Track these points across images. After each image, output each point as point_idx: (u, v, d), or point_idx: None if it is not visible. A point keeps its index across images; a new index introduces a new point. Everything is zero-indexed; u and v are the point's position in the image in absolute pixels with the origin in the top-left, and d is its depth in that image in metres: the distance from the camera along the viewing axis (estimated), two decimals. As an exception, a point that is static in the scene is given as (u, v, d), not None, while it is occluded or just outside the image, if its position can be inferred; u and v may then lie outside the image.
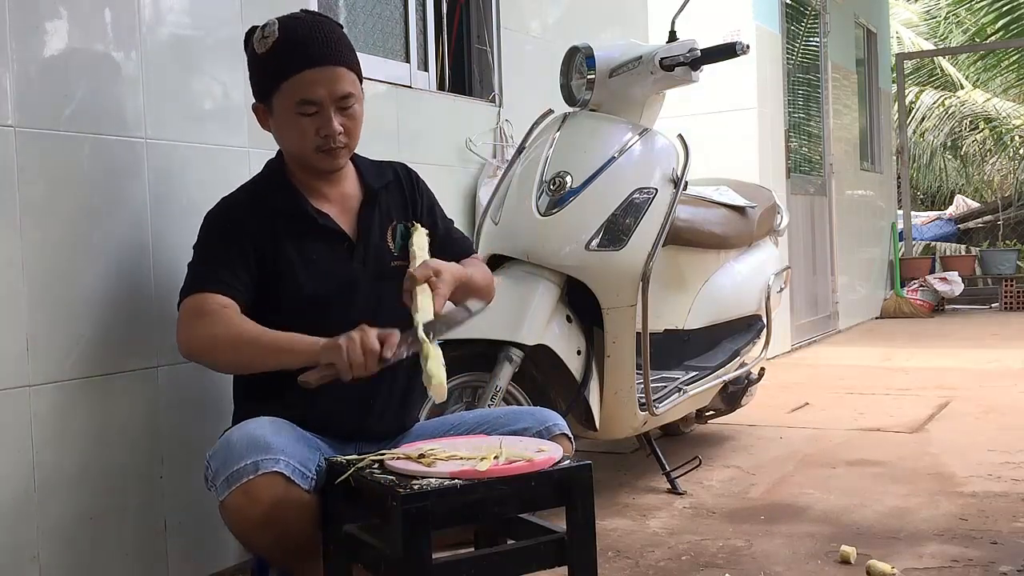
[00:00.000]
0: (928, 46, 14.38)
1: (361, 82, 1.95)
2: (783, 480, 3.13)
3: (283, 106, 1.86)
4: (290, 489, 1.66)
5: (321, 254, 1.91)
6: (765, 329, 3.57)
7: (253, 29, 1.94)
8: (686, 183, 2.80)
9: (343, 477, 1.64)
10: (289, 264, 1.88)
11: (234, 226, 1.87)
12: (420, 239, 1.94)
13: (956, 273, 8.80)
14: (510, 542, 1.76)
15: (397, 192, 2.05)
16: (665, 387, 3.00)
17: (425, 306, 1.75)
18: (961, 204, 13.11)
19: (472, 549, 1.83)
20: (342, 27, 1.98)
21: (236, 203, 1.93)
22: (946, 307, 8.98)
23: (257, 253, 1.87)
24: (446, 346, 2.51)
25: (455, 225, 2.19)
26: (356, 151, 2.02)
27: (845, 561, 2.30)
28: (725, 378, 3.28)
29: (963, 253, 10.85)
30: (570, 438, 1.95)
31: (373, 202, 1.99)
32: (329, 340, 1.69)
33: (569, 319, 2.69)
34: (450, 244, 2.10)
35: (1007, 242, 11.73)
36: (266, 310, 1.85)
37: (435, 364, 1.66)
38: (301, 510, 1.69)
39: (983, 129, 13.52)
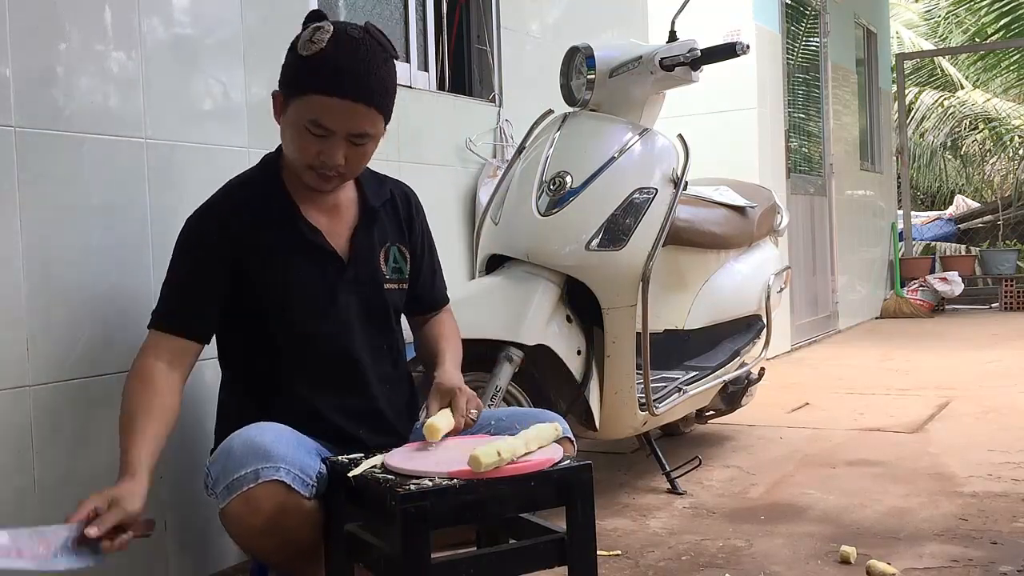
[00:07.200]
0: (928, 46, 14.37)
1: (387, 121, 1.84)
2: (783, 480, 3.13)
3: (297, 114, 1.79)
4: (291, 497, 1.65)
5: (310, 273, 1.86)
6: (765, 329, 3.57)
7: (315, 13, 1.84)
8: (686, 183, 2.80)
9: (352, 473, 1.64)
10: (274, 280, 1.84)
11: (208, 247, 1.81)
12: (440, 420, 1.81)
13: (956, 273, 8.80)
14: (512, 541, 1.76)
15: (393, 212, 2.01)
16: (665, 387, 3.00)
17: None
18: (961, 204, 13.11)
19: (473, 549, 1.83)
20: (396, 55, 1.87)
21: (214, 212, 1.86)
22: (946, 307, 8.99)
23: (234, 266, 1.82)
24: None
25: (441, 264, 2.16)
26: None
27: (845, 561, 2.30)
28: (725, 378, 3.28)
29: (963, 253, 10.84)
30: (573, 442, 1.95)
31: (371, 223, 1.95)
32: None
33: (569, 319, 2.69)
34: (428, 288, 2.08)
35: (1007, 242, 11.73)
36: (250, 320, 1.85)
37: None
38: (302, 517, 1.68)
39: (983, 129, 13.52)
